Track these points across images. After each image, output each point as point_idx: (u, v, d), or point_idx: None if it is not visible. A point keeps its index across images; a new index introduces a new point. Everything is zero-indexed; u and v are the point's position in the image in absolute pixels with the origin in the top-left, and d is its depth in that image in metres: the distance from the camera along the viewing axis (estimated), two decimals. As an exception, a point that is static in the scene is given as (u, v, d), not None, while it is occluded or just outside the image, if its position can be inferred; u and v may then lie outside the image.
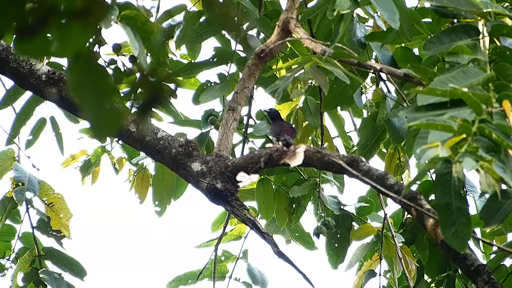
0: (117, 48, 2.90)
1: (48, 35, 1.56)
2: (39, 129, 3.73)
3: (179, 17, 3.47)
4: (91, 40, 2.38)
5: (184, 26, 3.40)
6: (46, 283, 3.80)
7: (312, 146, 3.68)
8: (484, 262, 2.41)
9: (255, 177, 2.70)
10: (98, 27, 2.30)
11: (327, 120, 3.75)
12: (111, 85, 1.60)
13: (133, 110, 1.70)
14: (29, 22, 1.54)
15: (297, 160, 2.58)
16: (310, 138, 3.78)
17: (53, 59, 3.26)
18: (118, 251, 6.04)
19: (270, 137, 3.49)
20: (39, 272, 3.82)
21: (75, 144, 3.91)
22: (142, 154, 3.81)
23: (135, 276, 5.94)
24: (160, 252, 5.97)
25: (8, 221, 3.88)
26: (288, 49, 3.48)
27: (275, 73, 3.54)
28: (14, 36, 1.58)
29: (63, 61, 3.28)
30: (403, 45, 2.99)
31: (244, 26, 3.53)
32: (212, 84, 3.54)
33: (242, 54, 3.51)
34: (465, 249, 2.10)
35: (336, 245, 3.77)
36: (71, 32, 1.55)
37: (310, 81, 3.53)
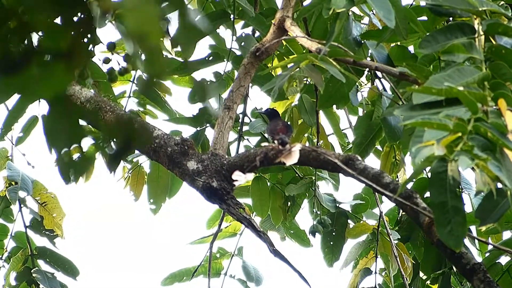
0: (112, 47, 2.90)
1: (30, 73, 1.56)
2: (30, 126, 3.72)
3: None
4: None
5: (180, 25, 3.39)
6: (38, 283, 3.79)
7: (307, 144, 3.69)
8: (480, 260, 2.42)
9: (250, 176, 2.70)
10: (81, 70, 2.31)
11: (322, 118, 3.76)
12: (83, 130, 1.61)
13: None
14: (13, 58, 1.55)
15: (292, 158, 2.58)
16: (306, 135, 3.78)
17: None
18: (112, 249, 6.03)
19: (266, 135, 3.49)
20: (32, 271, 3.82)
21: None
22: (136, 151, 3.81)
23: (130, 273, 5.94)
24: (155, 250, 5.97)
25: (1, 220, 3.88)
26: (283, 48, 3.48)
27: (270, 71, 3.54)
28: None
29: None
30: (398, 43, 2.99)
31: (240, 24, 3.53)
32: (208, 83, 3.54)
33: (238, 53, 3.51)
34: (461, 247, 2.10)
35: (331, 243, 3.78)
36: (54, 72, 1.55)
37: (305, 79, 3.53)
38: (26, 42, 1.54)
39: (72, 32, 1.55)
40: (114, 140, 1.65)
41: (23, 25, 1.53)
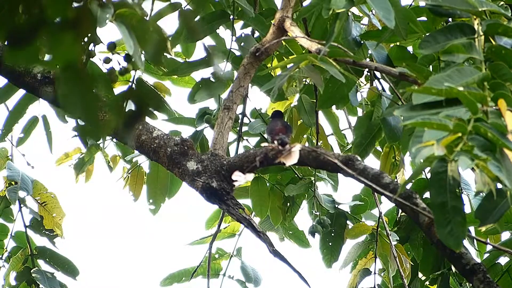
0: (112, 47, 2.89)
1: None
2: (31, 127, 3.73)
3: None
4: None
5: (179, 25, 3.40)
6: (38, 282, 3.80)
7: (307, 144, 3.69)
8: (479, 260, 2.42)
9: (250, 176, 2.70)
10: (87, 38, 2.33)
11: (322, 118, 3.76)
12: (98, 96, 1.62)
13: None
14: (21, 31, 1.56)
15: (292, 159, 2.58)
16: (305, 136, 3.78)
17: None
18: (111, 249, 6.03)
19: (266, 136, 3.49)
20: (31, 271, 3.82)
21: (69, 142, 3.90)
22: (136, 151, 3.81)
23: (129, 274, 5.94)
24: (154, 250, 5.97)
25: (1, 220, 3.88)
26: (283, 48, 3.48)
27: (270, 71, 3.54)
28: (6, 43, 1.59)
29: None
30: (398, 43, 2.99)
31: (240, 24, 3.53)
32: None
33: (238, 53, 3.51)
34: (461, 247, 2.10)
35: (330, 243, 3.78)
36: (62, 42, 1.56)
37: (305, 80, 3.53)
38: (33, 13, 1.55)
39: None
40: (128, 102, 1.67)
41: None
